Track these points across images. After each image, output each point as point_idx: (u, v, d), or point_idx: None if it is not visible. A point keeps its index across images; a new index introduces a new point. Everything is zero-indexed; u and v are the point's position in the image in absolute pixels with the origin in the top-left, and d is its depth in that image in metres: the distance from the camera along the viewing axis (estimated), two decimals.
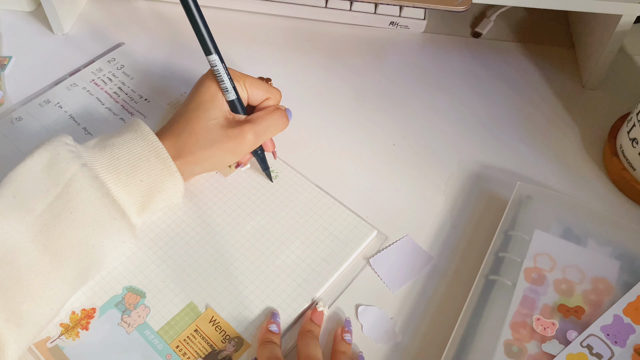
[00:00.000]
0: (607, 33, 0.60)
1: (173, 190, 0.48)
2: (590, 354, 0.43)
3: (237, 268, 0.49)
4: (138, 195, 0.46)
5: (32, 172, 0.42)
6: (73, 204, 0.42)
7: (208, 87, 0.49)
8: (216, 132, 0.48)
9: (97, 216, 0.43)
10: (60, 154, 0.43)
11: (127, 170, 0.45)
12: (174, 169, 0.47)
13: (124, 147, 0.46)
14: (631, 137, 0.55)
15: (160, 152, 0.46)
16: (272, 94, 0.52)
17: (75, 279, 0.43)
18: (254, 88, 0.51)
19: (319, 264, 0.49)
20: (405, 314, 0.48)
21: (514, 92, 0.65)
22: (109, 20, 0.70)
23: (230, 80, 0.49)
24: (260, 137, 0.50)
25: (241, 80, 0.50)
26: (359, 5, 0.69)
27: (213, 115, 0.48)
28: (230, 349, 0.44)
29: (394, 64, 0.68)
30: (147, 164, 0.46)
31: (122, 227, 0.45)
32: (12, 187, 0.41)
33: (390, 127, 0.61)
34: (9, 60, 0.65)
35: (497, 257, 0.49)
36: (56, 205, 0.42)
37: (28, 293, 0.40)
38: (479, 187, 0.56)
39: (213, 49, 0.48)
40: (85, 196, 0.43)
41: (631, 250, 0.48)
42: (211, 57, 0.48)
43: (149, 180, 0.46)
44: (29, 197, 0.41)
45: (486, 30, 0.71)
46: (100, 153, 0.45)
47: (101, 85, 0.62)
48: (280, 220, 0.52)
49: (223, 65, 0.48)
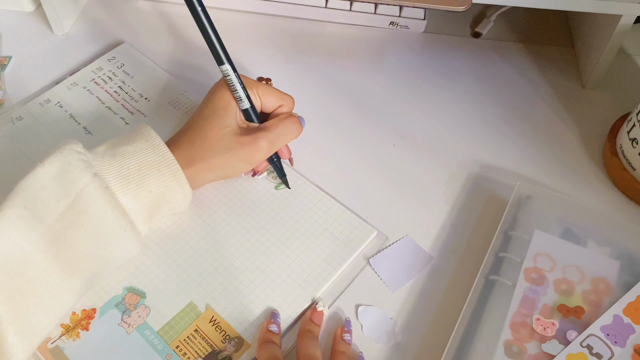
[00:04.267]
0: (607, 33, 0.60)
1: (181, 200, 0.47)
2: (590, 354, 0.43)
3: (237, 268, 0.49)
4: (146, 206, 0.45)
5: (43, 182, 0.41)
6: (85, 216, 0.42)
7: (222, 95, 0.49)
8: (230, 139, 0.48)
9: (107, 228, 0.43)
10: (72, 163, 0.43)
11: (137, 181, 0.45)
12: (184, 180, 0.46)
13: (134, 157, 0.45)
14: (631, 137, 0.55)
15: (171, 163, 0.46)
16: (285, 101, 0.52)
17: (82, 288, 0.43)
18: (267, 96, 0.51)
19: (319, 264, 0.49)
20: (405, 314, 0.48)
21: (513, 92, 0.65)
22: (109, 20, 0.70)
23: (243, 89, 0.49)
24: (274, 144, 0.50)
25: (254, 88, 0.50)
26: (358, 5, 0.69)
27: (227, 123, 0.48)
28: (230, 349, 0.44)
29: (394, 64, 0.68)
30: (158, 174, 0.45)
31: (130, 237, 0.45)
32: (22, 197, 0.40)
33: (390, 127, 0.61)
34: (9, 60, 0.65)
35: (497, 257, 0.49)
36: (67, 216, 0.41)
37: (38, 304, 0.40)
38: (479, 187, 0.56)
39: (225, 58, 0.48)
40: (96, 207, 0.42)
41: (631, 250, 0.48)
42: (223, 67, 0.48)
43: (159, 191, 0.45)
44: (40, 207, 0.41)
45: (486, 30, 0.71)
46: (110, 162, 0.44)
47: (101, 85, 0.62)
48: (280, 221, 0.52)
49: (236, 75, 0.48)
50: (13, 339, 0.39)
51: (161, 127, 0.58)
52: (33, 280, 0.39)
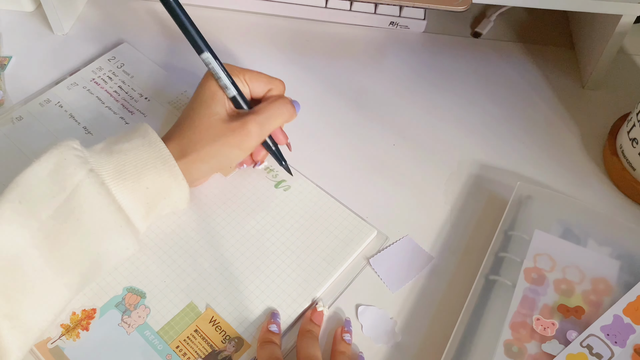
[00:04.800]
0: (607, 33, 0.60)
1: (178, 196, 0.47)
2: (590, 354, 0.43)
3: (237, 268, 0.49)
4: (143, 202, 0.45)
5: (39, 177, 0.41)
6: (79, 211, 0.42)
7: (209, 86, 0.49)
8: (219, 127, 0.48)
9: (103, 224, 0.43)
10: (67, 158, 0.43)
11: (134, 177, 0.44)
12: (180, 176, 0.46)
13: (130, 154, 0.45)
14: (631, 137, 0.55)
15: (168, 159, 0.46)
16: (274, 85, 0.51)
17: (78, 284, 0.43)
18: (254, 81, 0.51)
19: (319, 264, 0.49)
20: (405, 314, 0.48)
21: (514, 92, 0.65)
22: (109, 20, 0.70)
23: (227, 76, 0.48)
24: (265, 127, 0.49)
25: (240, 74, 0.50)
26: (358, 5, 0.69)
27: (215, 111, 0.48)
28: (230, 349, 0.44)
29: (394, 64, 0.68)
30: (154, 170, 0.45)
31: (126, 234, 0.44)
32: (18, 192, 0.40)
33: (390, 127, 0.61)
34: (9, 60, 0.65)
35: (497, 257, 0.49)
36: (62, 211, 0.41)
37: (32, 300, 0.40)
38: (479, 187, 0.56)
39: (204, 46, 0.48)
40: (91, 203, 0.42)
41: (631, 250, 0.48)
42: (203, 55, 0.48)
43: (155, 187, 0.45)
44: (35, 202, 0.41)
45: (486, 30, 0.71)
46: (107, 158, 0.44)
47: (101, 84, 0.62)
48: (281, 220, 0.52)
49: (218, 62, 0.48)
50: (8, 334, 0.38)
51: (161, 127, 0.58)
52: (27, 275, 0.39)
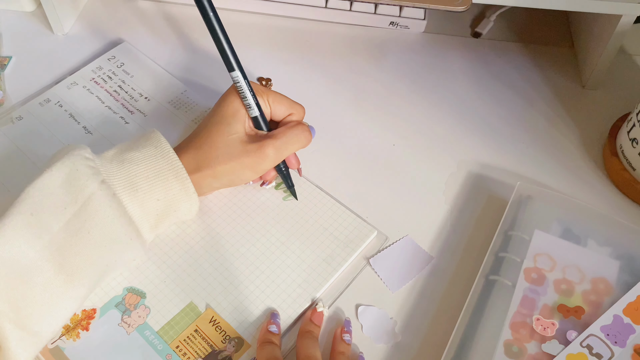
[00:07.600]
0: (607, 33, 0.60)
1: (187, 209, 0.47)
2: (590, 354, 0.43)
3: (237, 268, 0.49)
4: (153, 214, 0.45)
5: (50, 188, 0.41)
6: (91, 224, 0.42)
7: (231, 102, 0.49)
8: (236, 146, 0.48)
9: (113, 236, 0.43)
10: (79, 169, 0.42)
11: (145, 189, 0.44)
12: (191, 190, 0.46)
13: (142, 164, 0.45)
14: (631, 137, 0.55)
15: (179, 171, 0.45)
16: (295, 110, 0.51)
17: (84, 294, 0.43)
18: (277, 104, 0.50)
19: (319, 264, 0.49)
20: (405, 314, 0.48)
21: (513, 92, 0.65)
22: (109, 20, 0.70)
23: (253, 97, 0.48)
24: (281, 152, 0.49)
25: (264, 95, 0.50)
26: (359, 5, 0.69)
27: (234, 129, 0.48)
28: (230, 349, 0.44)
29: (394, 64, 0.68)
30: (165, 183, 0.45)
31: (135, 246, 0.44)
32: (29, 204, 0.40)
33: (390, 127, 0.61)
34: (9, 60, 0.65)
35: (497, 257, 0.49)
36: (73, 223, 0.41)
37: (42, 311, 0.40)
38: (479, 187, 0.56)
39: (236, 65, 0.47)
40: (103, 216, 0.42)
41: (631, 250, 0.48)
42: (234, 73, 0.48)
43: (166, 199, 0.45)
44: (47, 214, 0.40)
45: (486, 30, 0.71)
46: (118, 168, 0.44)
47: (101, 84, 0.62)
48: (281, 221, 0.52)
49: (246, 82, 0.48)
50: (17, 345, 0.38)
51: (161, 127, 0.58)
52: (37, 288, 0.39)
